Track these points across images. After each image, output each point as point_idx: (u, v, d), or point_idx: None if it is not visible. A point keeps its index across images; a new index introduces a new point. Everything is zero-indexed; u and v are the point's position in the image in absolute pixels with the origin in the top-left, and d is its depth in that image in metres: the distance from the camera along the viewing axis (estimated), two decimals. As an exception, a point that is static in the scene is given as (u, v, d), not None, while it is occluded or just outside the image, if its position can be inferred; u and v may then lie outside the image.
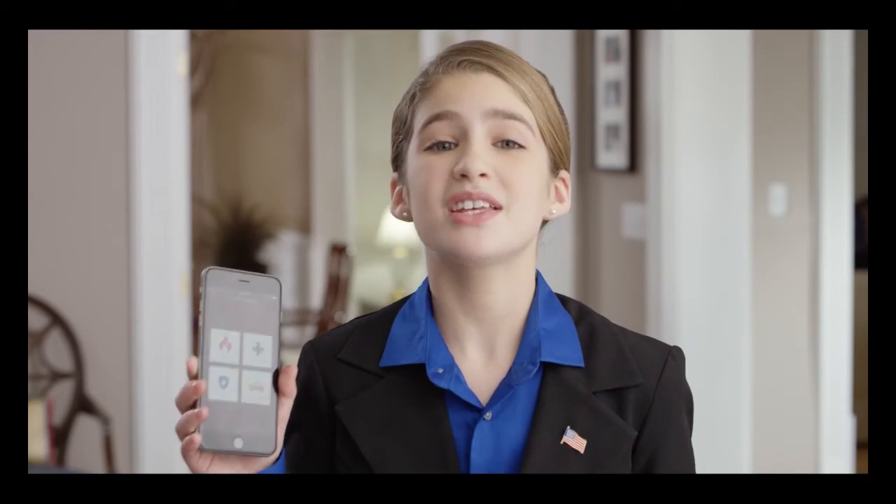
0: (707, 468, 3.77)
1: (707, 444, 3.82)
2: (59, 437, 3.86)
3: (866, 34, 1.86)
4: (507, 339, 1.32)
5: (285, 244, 8.21)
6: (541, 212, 1.32)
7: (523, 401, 1.30)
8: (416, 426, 1.29)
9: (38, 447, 3.71)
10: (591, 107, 4.41)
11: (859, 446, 4.73)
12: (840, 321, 4.52)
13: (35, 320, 3.89)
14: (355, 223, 7.95)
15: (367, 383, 1.32)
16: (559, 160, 1.34)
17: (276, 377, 1.21)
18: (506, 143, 1.29)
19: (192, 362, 1.20)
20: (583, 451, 1.28)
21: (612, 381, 1.31)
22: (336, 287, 6.98)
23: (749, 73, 3.97)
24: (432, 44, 4.86)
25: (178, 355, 3.92)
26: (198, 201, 7.54)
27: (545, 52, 4.41)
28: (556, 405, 1.29)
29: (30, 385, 3.91)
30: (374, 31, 7.73)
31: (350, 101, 7.97)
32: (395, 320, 1.35)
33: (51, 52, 3.85)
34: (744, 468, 3.99)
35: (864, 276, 4.96)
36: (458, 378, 1.30)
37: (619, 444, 1.30)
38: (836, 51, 4.45)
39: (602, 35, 4.31)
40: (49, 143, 3.85)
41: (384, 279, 7.87)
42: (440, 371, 1.29)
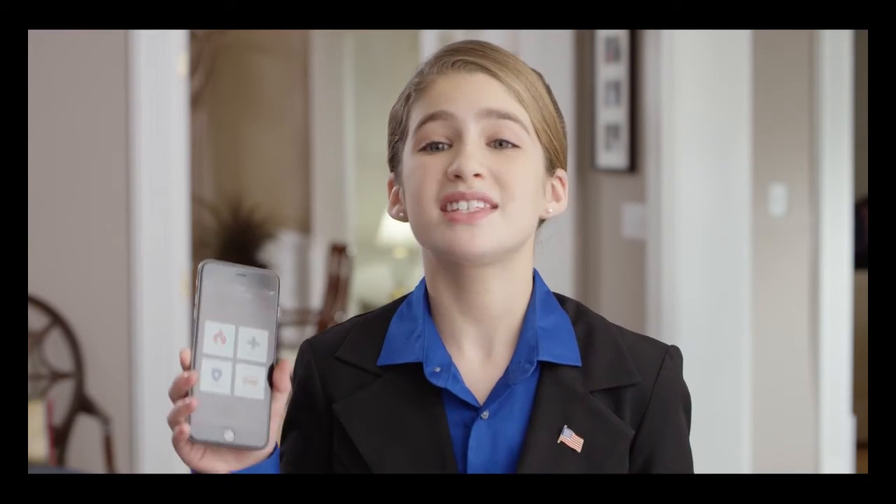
0: (707, 468, 3.76)
1: (707, 444, 3.82)
2: (59, 437, 3.86)
3: (866, 34, 1.86)
4: (505, 338, 1.32)
5: (285, 244, 8.21)
6: (537, 211, 1.32)
7: (520, 400, 1.30)
8: (414, 425, 1.29)
9: (38, 447, 3.71)
10: (591, 107, 4.41)
11: (859, 446, 4.73)
12: (840, 321, 4.52)
13: (35, 320, 3.89)
14: (355, 223, 7.95)
15: (365, 382, 1.32)
16: (555, 159, 1.34)
17: (271, 372, 1.21)
18: (500, 143, 1.29)
19: (186, 353, 1.20)
20: (580, 450, 1.28)
21: (610, 380, 1.31)
22: (336, 287, 6.98)
23: (749, 73, 3.97)
24: (432, 44, 4.86)
25: (178, 355, 3.91)
26: (198, 201, 7.54)
27: (545, 52, 4.41)
28: (554, 404, 1.29)
29: (30, 385, 3.91)
30: (374, 31, 7.73)
31: (350, 101, 7.97)
32: (393, 319, 1.35)
33: (51, 52, 3.85)
34: (744, 468, 3.99)
35: (864, 276, 4.96)
36: (456, 377, 1.30)
37: (617, 443, 1.29)
38: (836, 51, 4.45)
39: (602, 35, 4.31)
40: (49, 143, 3.85)
41: (384, 279, 7.87)
42: (437, 370, 1.29)
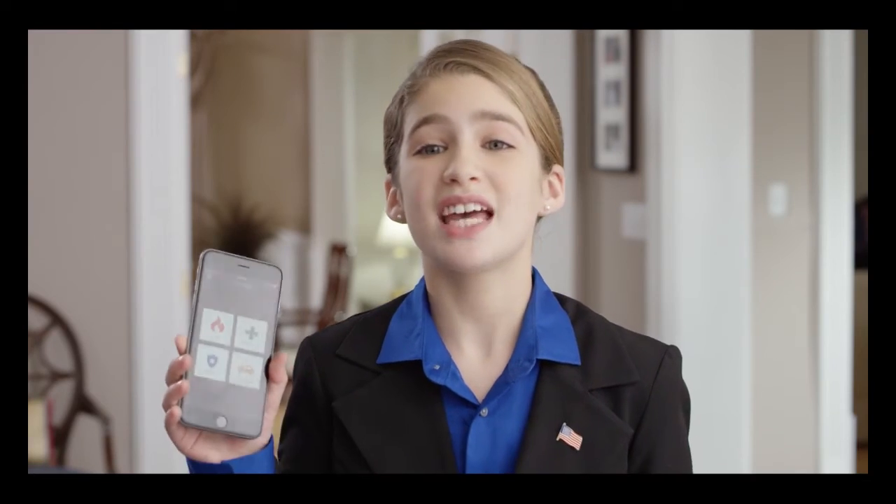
0: (707, 468, 3.76)
1: (707, 444, 3.82)
2: (59, 437, 3.86)
3: (866, 34, 1.85)
4: (504, 336, 1.33)
5: (285, 244, 8.21)
6: (534, 211, 1.33)
7: (519, 398, 1.30)
8: (413, 422, 1.29)
9: (38, 447, 3.71)
10: (591, 107, 4.41)
11: (859, 446, 4.73)
12: (840, 321, 4.52)
13: (35, 320, 3.89)
14: (355, 223, 7.95)
15: (365, 380, 1.32)
16: (551, 156, 1.34)
17: (269, 363, 1.21)
18: (495, 144, 1.29)
19: (181, 339, 1.21)
20: (578, 447, 1.28)
21: (609, 378, 1.31)
22: (336, 287, 6.98)
23: (749, 73, 3.97)
24: (432, 44, 4.86)
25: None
26: (198, 201, 7.54)
27: (545, 52, 4.41)
28: (553, 402, 1.29)
29: (30, 385, 3.91)
30: (374, 31, 7.73)
31: (350, 101, 7.97)
32: (393, 318, 1.35)
33: (51, 52, 3.85)
34: (744, 468, 3.99)
35: (864, 276, 4.96)
36: (455, 375, 1.30)
37: (615, 441, 1.30)
38: (836, 51, 4.45)
39: (602, 35, 4.31)
40: (49, 143, 3.85)
41: (384, 279, 7.87)
42: (437, 367, 1.29)
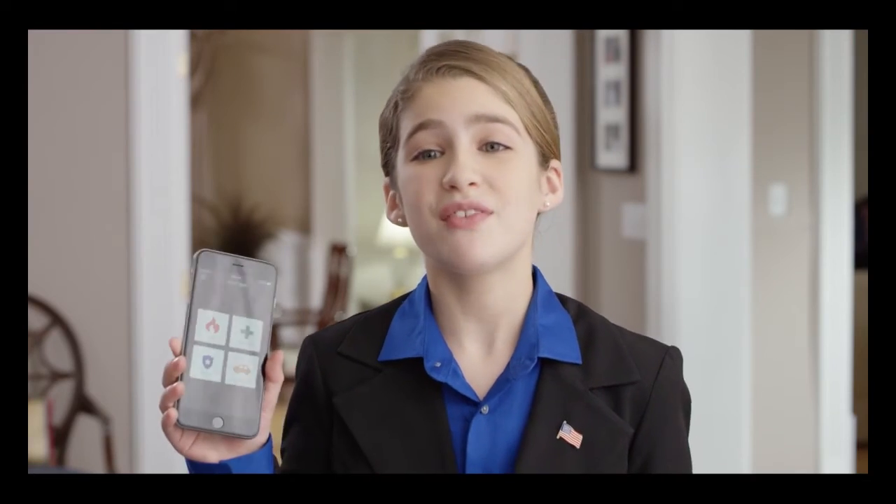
0: (707, 468, 3.76)
1: (707, 444, 3.82)
2: (59, 437, 3.86)
3: (866, 34, 1.85)
4: (506, 335, 1.33)
5: (285, 244, 8.21)
6: (534, 209, 1.33)
7: (520, 396, 1.30)
8: (414, 419, 1.30)
9: (38, 447, 3.71)
10: (591, 107, 4.41)
11: (859, 446, 4.73)
12: (840, 321, 4.51)
13: (35, 320, 3.89)
14: (355, 223, 7.95)
15: (366, 377, 1.32)
16: (548, 151, 1.35)
17: (265, 362, 1.21)
18: (491, 146, 1.29)
19: (176, 341, 1.21)
20: (578, 446, 1.28)
21: (610, 378, 1.32)
22: (336, 287, 6.98)
23: (749, 73, 3.97)
24: (432, 44, 4.86)
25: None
26: (198, 201, 7.54)
27: (545, 52, 4.41)
28: (553, 401, 1.29)
29: (30, 385, 3.91)
30: (374, 31, 7.73)
31: (350, 101, 7.97)
32: (395, 316, 1.35)
33: (51, 52, 3.85)
34: (744, 468, 3.99)
35: (864, 276, 4.96)
36: (456, 372, 1.30)
37: (615, 440, 1.30)
38: (836, 51, 4.45)
39: (602, 35, 4.31)
40: (49, 143, 3.85)
41: (384, 279, 7.87)
42: (438, 365, 1.30)
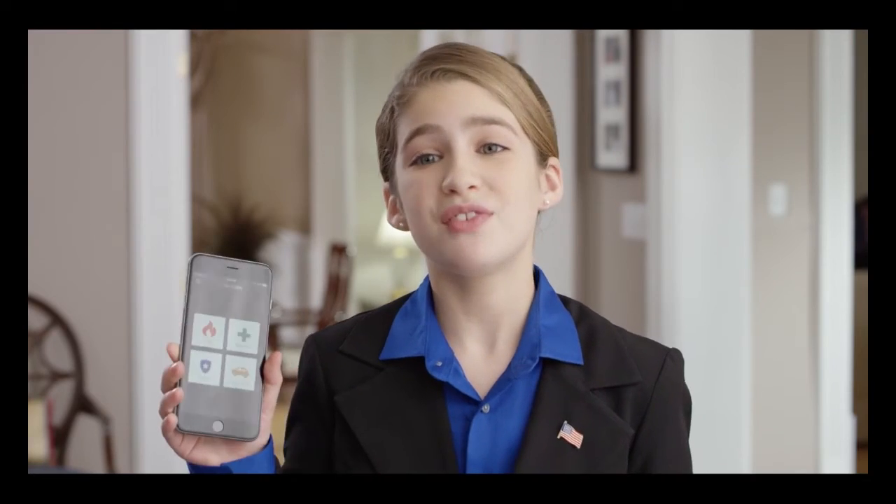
0: (707, 468, 3.76)
1: (707, 444, 3.82)
2: (59, 437, 3.86)
3: (866, 34, 1.85)
4: (508, 335, 1.33)
5: (285, 244, 8.21)
6: (534, 208, 1.33)
7: (521, 396, 1.30)
8: (415, 418, 1.30)
9: (38, 447, 3.71)
10: (591, 107, 4.41)
11: (859, 446, 4.73)
12: (840, 321, 4.52)
13: (35, 320, 3.89)
14: (355, 223, 7.95)
15: (367, 375, 1.33)
16: (546, 150, 1.35)
17: (263, 364, 1.21)
18: (489, 148, 1.29)
19: (173, 346, 1.21)
20: (579, 445, 1.29)
21: (611, 378, 1.32)
22: (336, 287, 6.98)
23: (749, 73, 3.97)
24: (432, 44, 4.86)
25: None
26: (198, 201, 7.54)
27: (545, 52, 4.41)
28: (554, 401, 1.30)
29: (30, 385, 3.91)
30: (374, 31, 7.73)
31: (350, 101, 7.97)
32: (397, 316, 1.35)
33: (51, 52, 3.85)
34: (744, 468, 3.99)
35: (864, 276, 4.96)
36: (457, 371, 1.30)
37: (616, 440, 1.30)
38: (836, 51, 4.45)
39: (602, 35, 4.31)
40: (49, 143, 3.85)
41: (384, 279, 7.87)
42: (439, 364, 1.30)
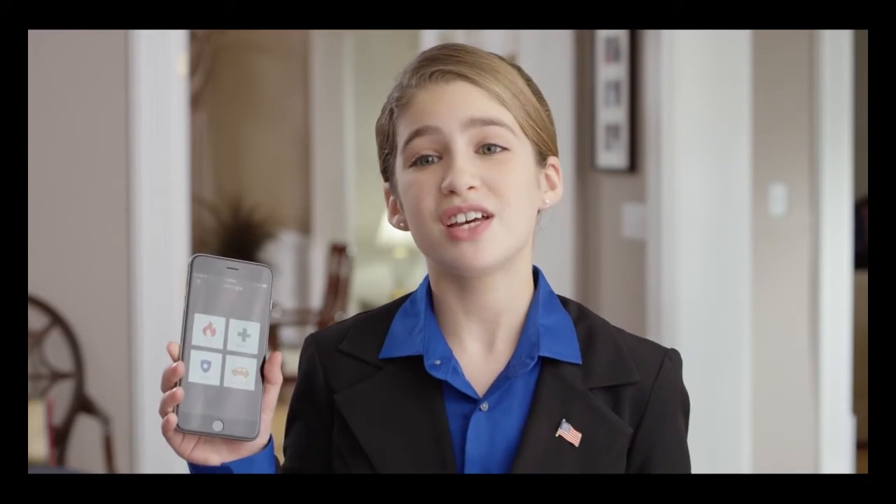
0: (707, 468, 3.76)
1: (707, 444, 3.82)
2: (59, 437, 3.86)
3: (866, 34, 1.85)
4: (507, 333, 1.33)
5: (285, 244, 8.21)
6: (534, 208, 1.33)
7: (520, 394, 1.31)
8: (413, 417, 1.30)
9: (38, 447, 3.71)
10: (591, 107, 4.41)
11: (859, 446, 4.73)
12: (840, 321, 4.52)
13: (35, 320, 3.89)
14: (355, 223, 7.95)
15: (366, 374, 1.33)
16: (545, 149, 1.35)
17: (264, 364, 1.22)
18: (488, 149, 1.30)
19: (173, 346, 1.21)
20: (577, 444, 1.29)
21: (609, 378, 1.32)
22: (336, 287, 6.98)
23: (749, 73, 3.97)
24: (432, 44, 4.86)
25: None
26: (198, 201, 7.54)
27: (545, 52, 4.41)
28: (553, 399, 1.30)
29: (30, 385, 3.91)
30: (374, 31, 7.73)
31: (350, 101, 7.98)
32: (396, 315, 1.36)
33: (51, 52, 3.85)
34: (744, 468, 3.99)
35: (864, 276, 4.96)
36: (456, 370, 1.31)
37: (614, 439, 1.30)
38: (836, 51, 4.45)
39: (602, 35, 4.31)
40: (49, 143, 3.85)
41: (384, 279, 7.87)
42: (437, 363, 1.30)
